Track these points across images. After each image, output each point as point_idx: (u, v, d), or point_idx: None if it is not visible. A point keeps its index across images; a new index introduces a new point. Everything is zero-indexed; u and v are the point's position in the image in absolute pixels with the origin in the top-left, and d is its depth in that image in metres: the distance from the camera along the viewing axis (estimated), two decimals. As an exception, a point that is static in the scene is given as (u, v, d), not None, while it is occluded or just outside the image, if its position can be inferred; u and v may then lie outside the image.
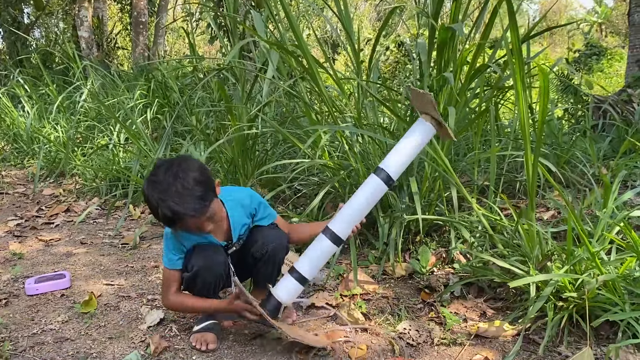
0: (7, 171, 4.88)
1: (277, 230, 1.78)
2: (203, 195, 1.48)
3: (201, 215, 1.49)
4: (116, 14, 11.69)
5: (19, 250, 2.72)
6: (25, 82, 6.03)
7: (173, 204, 1.44)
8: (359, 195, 1.58)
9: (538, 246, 1.86)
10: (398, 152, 1.55)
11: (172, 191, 1.45)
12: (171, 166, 1.49)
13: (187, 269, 1.66)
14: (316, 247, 1.60)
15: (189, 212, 1.46)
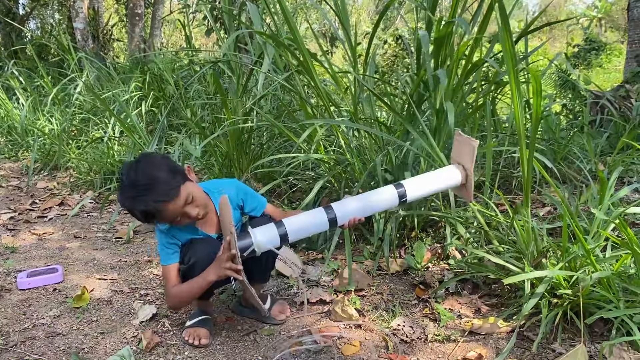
0: (2, 164, 4.85)
1: (267, 220, 1.75)
2: (169, 180, 1.50)
3: (175, 199, 1.50)
4: (112, 5, 11.61)
5: (12, 244, 2.70)
6: (20, 74, 5.99)
7: (143, 198, 1.46)
8: (372, 196, 1.64)
9: (533, 242, 1.85)
10: (422, 179, 1.68)
11: (140, 188, 1.48)
12: (133, 167, 1.52)
13: (184, 261, 1.64)
14: (313, 216, 1.60)
15: (160, 198, 1.47)
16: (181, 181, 1.54)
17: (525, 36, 2.51)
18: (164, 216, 1.52)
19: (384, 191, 1.66)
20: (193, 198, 1.55)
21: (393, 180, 2.40)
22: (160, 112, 4.53)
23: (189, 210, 1.55)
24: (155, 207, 1.48)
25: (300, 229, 1.58)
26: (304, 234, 1.62)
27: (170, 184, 1.50)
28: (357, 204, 1.62)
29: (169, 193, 1.49)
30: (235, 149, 3.06)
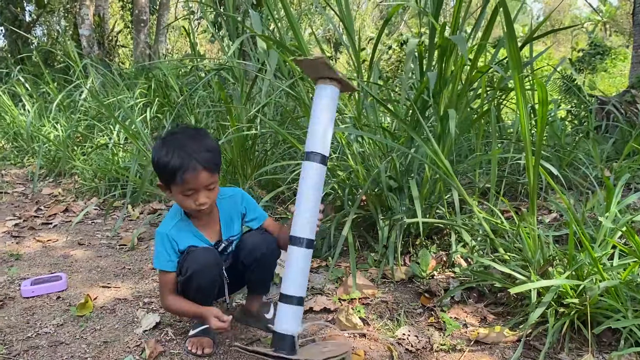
0: (7, 170, 4.87)
1: (265, 235, 1.75)
2: (216, 157, 1.57)
3: (210, 172, 1.53)
4: (117, 12, 11.67)
5: (17, 251, 2.70)
6: (26, 81, 6.02)
7: (188, 153, 1.50)
8: (307, 189, 1.46)
9: (539, 250, 1.84)
10: (318, 130, 1.46)
11: (191, 146, 1.52)
12: (193, 130, 1.62)
13: (181, 272, 1.63)
14: (294, 261, 1.47)
15: (203, 162, 1.51)
16: (220, 166, 1.62)
17: (530, 42, 2.50)
18: (190, 178, 1.51)
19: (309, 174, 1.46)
20: (213, 188, 1.58)
21: (397, 187, 2.39)
22: (166, 118, 4.53)
23: (203, 194, 1.56)
24: (195, 166, 1.50)
25: (301, 283, 1.48)
26: (306, 276, 1.50)
27: (218, 159, 1.58)
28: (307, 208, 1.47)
29: (214, 165, 1.55)
30: (240, 155, 3.06)
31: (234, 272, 1.75)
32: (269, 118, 3.35)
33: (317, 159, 1.45)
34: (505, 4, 1.54)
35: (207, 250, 1.65)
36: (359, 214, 2.48)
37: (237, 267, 1.74)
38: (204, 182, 1.54)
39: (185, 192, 1.56)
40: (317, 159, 1.45)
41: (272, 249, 1.73)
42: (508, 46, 1.54)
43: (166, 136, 1.58)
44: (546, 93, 1.49)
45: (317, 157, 1.45)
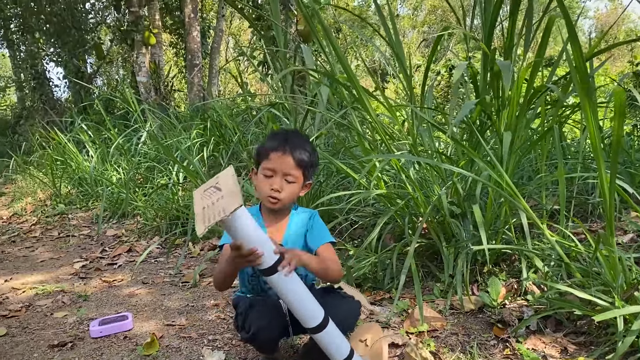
0: (74, 214, 5.07)
1: (351, 304, 1.68)
2: (308, 156, 1.63)
3: (294, 160, 1.58)
4: (172, 58, 12.19)
5: (84, 292, 2.77)
6: (89, 128, 6.32)
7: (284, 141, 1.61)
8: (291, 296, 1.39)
9: (621, 274, 1.71)
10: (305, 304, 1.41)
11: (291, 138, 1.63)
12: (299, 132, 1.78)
13: (245, 328, 1.59)
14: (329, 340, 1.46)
15: (293, 149, 1.59)
16: (310, 172, 1.67)
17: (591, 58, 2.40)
18: (272, 157, 1.59)
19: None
20: (292, 182, 1.60)
21: (460, 213, 2.31)
22: (222, 156, 4.62)
23: (279, 180, 1.59)
24: (284, 149, 1.58)
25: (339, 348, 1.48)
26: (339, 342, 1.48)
27: (307, 158, 1.63)
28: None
29: (299, 158, 1.59)
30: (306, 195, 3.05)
31: None
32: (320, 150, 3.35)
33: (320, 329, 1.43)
34: (567, 11, 1.47)
35: (270, 306, 1.61)
36: (420, 242, 2.41)
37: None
38: (285, 167, 1.58)
39: (266, 171, 1.60)
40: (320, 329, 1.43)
41: (356, 316, 1.70)
42: (573, 54, 1.47)
43: (276, 132, 1.73)
44: (623, 103, 1.40)
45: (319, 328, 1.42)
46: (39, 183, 6.04)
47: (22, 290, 2.89)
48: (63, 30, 9.20)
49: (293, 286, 1.36)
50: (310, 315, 1.40)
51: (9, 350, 2.11)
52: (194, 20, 8.19)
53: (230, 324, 2.20)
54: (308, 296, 1.40)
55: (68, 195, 5.63)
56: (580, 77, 1.52)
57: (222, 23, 9.60)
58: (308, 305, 1.40)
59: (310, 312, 1.41)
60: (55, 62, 10.68)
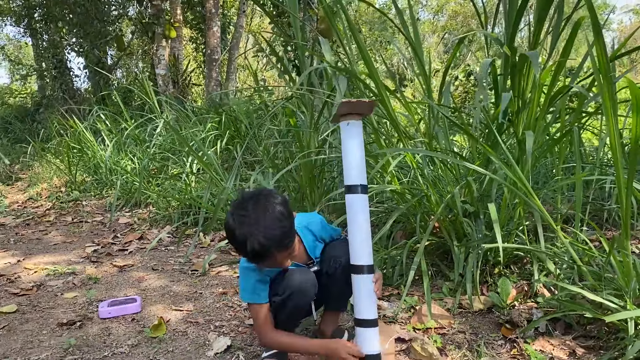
0: (88, 201, 5.12)
1: (346, 243, 1.69)
2: (289, 230, 1.48)
3: (288, 249, 1.49)
4: (191, 53, 12.27)
5: (95, 275, 2.80)
6: (107, 118, 6.38)
7: (263, 239, 1.41)
8: (357, 220, 1.52)
9: (635, 279, 1.68)
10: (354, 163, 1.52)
11: (261, 225, 1.42)
12: (258, 200, 1.46)
13: (278, 292, 1.60)
14: (361, 288, 1.52)
15: (280, 247, 1.45)
16: (295, 233, 1.54)
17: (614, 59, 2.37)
18: (268, 261, 1.48)
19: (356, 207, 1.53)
20: (294, 249, 1.54)
21: (473, 212, 2.29)
22: (236, 149, 4.64)
23: (287, 260, 1.54)
24: (270, 251, 1.44)
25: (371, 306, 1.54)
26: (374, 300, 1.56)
27: (290, 235, 1.49)
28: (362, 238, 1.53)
29: (287, 245, 1.48)
30: (308, 183, 3.06)
31: (321, 286, 1.69)
32: (335, 146, 3.34)
33: (360, 189, 1.52)
34: (593, 7, 1.46)
35: (304, 271, 1.63)
36: (431, 240, 2.39)
37: (320, 282, 1.68)
38: (281, 260, 1.51)
39: (266, 266, 1.57)
40: (360, 189, 1.52)
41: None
42: (597, 48, 1.45)
43: (234, 212, 1.46)
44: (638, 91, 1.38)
45: (359, 188, 1.52)
46: (55, 170, 6.12)
47: (34, 271, 2.93)
48: (86, 20, 9.31)
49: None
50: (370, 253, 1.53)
51: (19, 327, 2.13)
52: (214, 15, 8.23)
53: (238, 312, 2.20)
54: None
55: (83, 183, 5.69)
56: (603, 74, 1.50)
57: (242, 19, 9.64)
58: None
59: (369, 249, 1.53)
60: (76, 52, 10.80)
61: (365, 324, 1.51)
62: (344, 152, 1.53)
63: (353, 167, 1.52)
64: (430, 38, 21.51)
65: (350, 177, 1.52)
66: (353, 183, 1.51)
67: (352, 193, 1.51)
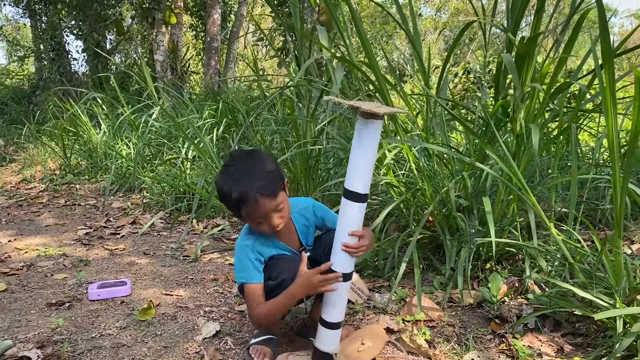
0: (81, 184, 5.09)
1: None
2: (274, 181, 1.52)
3: (270, 197, 1.49)
4: (190, 40, 12.21)
5: (86, 257, 2.78)
6: (103, 102, 6.34)
7: (247, 183, 1.47)
8: (346, 228, 1.45)
9: (625, 278, 1.69)
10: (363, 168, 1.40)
11: (247, 174, 1.50)
12: (247, 157, 1.56)
13: (272, 277, 1.59)
14: (335, 294, 1.51)
15: (263, 190, 1.47)
16: (281, 186, 1.55)
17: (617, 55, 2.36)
18: (253, 209, 1.50)
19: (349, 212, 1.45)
20: (282, 208, 1.54)
21: (467, 207, 2.29)
22: (232, 138, 4.62)
23: (275, 216, 1.53)
24: (254, 196, 1.47)
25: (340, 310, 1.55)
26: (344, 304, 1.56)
27: (275, 182, 1.52)
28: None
29: (272, 189, 1.50)
30: (303, 173, 3.05)
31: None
32: (331, 137, 3.33)
33: (360, 198, 1.41)
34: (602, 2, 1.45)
35: (296, 258, 1.62)
36: (424, 234, 2.39)
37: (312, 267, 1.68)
38: (269, 208, 1.50)
39: (255, 221, 1.55)
40: (360, 198, 1.41)
41: None
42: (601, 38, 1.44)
43: (223, 169, 1.56)
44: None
45: (360, 197, 1.41)
46: (50, 152, 6.08)
47: (24, 251, 2.91)
48: (85, 3, 9.21)
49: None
50: (350, 261, 1.48)
51: (7, 305, 2.12)
52: (215, 3, 8.18)
53: (228, 298, 2.20)
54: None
55: (77, 166, 5.66)
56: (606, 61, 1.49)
57: (243, 8, 9.59)
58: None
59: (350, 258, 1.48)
60: (75, 35, 10.71)
61: (330, 326, 1.54)
62: (356, 153, 1.39)
63: (363, 172, 1.40)
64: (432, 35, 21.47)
65: (355, 182, 1.41)
66: (355, 190, 1.41)
67: (351, 200, 1.42)
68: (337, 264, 1.48)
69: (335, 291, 1.49)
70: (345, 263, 1.48)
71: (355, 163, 1.40)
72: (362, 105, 1.33)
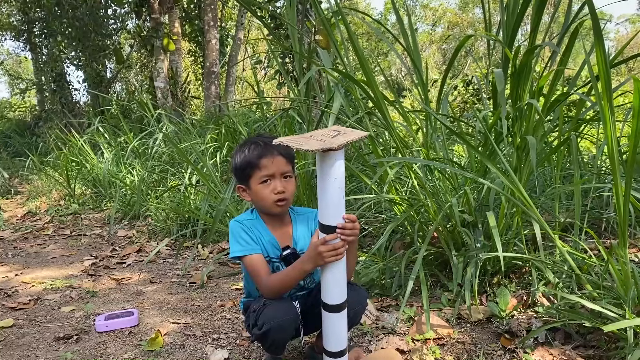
0: (86, 214, 5.11)
1: (358, 291, 1.66)
2: (290, 152, 1.62)
3: (287, 160, 1.59)
4: (189, 65, 12.32)
5: (92, 288, 2.78)
6: (105, 131, 6.39)
7: (261, 146, 1.58)
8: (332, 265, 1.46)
9: (634, 287, 1.67)
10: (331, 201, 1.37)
11: (263, 141, 1.60)
12: (261, 135, 1.72)
13: (258, 325, 1.56)
14: (333, 324, 1.51)
15: (279, 150, 1.56)
16: (294, 164, 1.66)
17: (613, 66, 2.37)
18: (269, 163, 1.57)
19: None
20: (289, 181, 1.61)
21: (471, 222, 2.29)
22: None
23: (280, 183, 1.58)
24: (273, 152, 1.57)
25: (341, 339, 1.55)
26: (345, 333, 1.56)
27: (291, 153, 1.63)
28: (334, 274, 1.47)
29: (289, 155, 1.61)
30: (305, 193, 3.05)
31: (315, 315, 1.60)
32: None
33: (331, 230, 1.40)
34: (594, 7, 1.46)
35: (285, 306, 1.58)
36: (430, 250, 2.38)
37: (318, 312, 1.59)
38: (281, 167, 1.58)
39: (263, 179, 1.58)
40: (331, 230, 1.40)
41: (364, 305, 1.69)
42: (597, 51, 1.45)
43: (241, 143, 1.66)
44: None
45: (331, 229, 1.40)
46: (54, 183, 6.11)
47: (31, 285, 2.91)
48: (84, 34, 9.34)
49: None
50: (338, 292, 1.47)
51: (15, 341, 2.12)
52: (213, 28, 8.27)
53: (236, 324, 2.19)
54: (343, 273, 1.47)
55: (82, 196, 5.68)
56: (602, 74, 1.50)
57: (240, 32, 9.69)
58: (341, 281, 1.47)
59: (340, 288, 1.47)
60: (75, 65, 10.85)
61: (334, 355, 1.54)
62: (320, 189, 1.36)
63: (328, 206, 1.37)
64: (428, 49, 21.62)
65: (326, 216, 1.39)
66: (327, 223, 1.40)
67: (326, 233, 1.41)
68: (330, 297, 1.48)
69: (331, 322, 1.50)
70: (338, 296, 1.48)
71: (322, 196, 1.37)
72: (303, 145, 1.28)
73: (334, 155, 1.32)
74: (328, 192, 1.36)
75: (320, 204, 1.39)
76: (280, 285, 1.55)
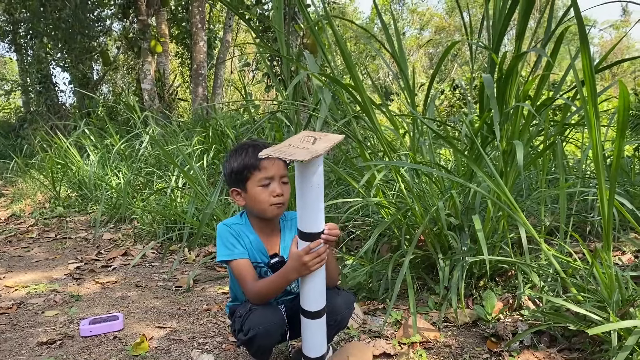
0: (72, 217, 5.05)
1: (345, 295, 1.66)
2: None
3: (285, 164, 1.56)
4: (177, 68, 12.27)
5: (77, 292, 2.75)
6: (91, 133, 6.33)
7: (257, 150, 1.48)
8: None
9: (617, 290, 1.69)
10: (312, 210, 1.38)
11: (258, 145, 1.55)
12: (254, 140, 1.68)
13: (243, 330, 1.55)
14: (312, 330, 1.53)
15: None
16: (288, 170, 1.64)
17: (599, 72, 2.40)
18: (269, 165, 1.55)
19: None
20: (286, 186, 1.58)
21: (458, 225, 2.29)
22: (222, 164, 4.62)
23: (278, 185, 1.56)
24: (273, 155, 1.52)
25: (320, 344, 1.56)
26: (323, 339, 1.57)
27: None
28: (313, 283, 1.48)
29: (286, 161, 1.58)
30: (292, 197, 3.04)
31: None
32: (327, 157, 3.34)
33: (314, 238, 1.41)
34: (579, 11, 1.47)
35: (271, 311, 1.57)
36: (416, 254, 2.39)
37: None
38: (280, 171, 1.57)
39: (263, 181, 1.56)
40: (314, 238, 1.41)
41: (352, 309, 1.70)
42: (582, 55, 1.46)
43: (236, 148, 1.63)
44: (627, 95, 1.39)
45: (314, 237, 1.41)
46: (39, 185, 6.04)
47: (14, 289, 2.87)
48: (70, 36, 9.27)
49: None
50: (316, 298, 1.48)
51: (-3, 346, 2.08)
52: (200, 30, 8.25)
53: (222, 329, 2.18)
54: (322, 280, 1.47)
55: (67, 199, 5.62)
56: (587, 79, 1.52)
57: (228, 34, 9.67)
58: (319, 288, 1.47)
59: (318, 295, 1.48)
60: (61, 67, 10.76)
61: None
62: (299, 196, 1.35)
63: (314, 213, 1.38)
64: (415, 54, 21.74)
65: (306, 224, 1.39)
66: (310, 231, 1.40)
67: (307, 241, 1.41)
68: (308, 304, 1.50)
69: (310, 328, 1.50)
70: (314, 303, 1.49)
71: (304, 204, 1.36)
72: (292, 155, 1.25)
73: (317, 162, 1.31)
74: (311, 200, 1.35)
75: (302, 212, 1.38)
76: (266, 291, 1.55)
